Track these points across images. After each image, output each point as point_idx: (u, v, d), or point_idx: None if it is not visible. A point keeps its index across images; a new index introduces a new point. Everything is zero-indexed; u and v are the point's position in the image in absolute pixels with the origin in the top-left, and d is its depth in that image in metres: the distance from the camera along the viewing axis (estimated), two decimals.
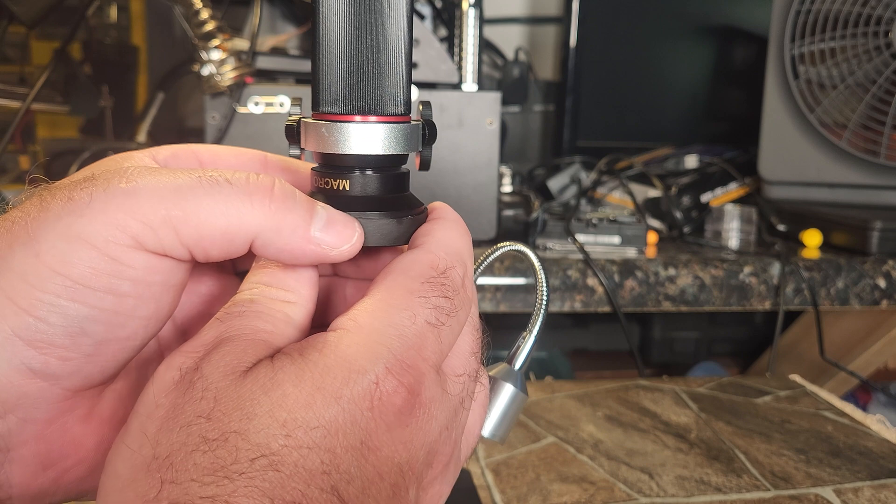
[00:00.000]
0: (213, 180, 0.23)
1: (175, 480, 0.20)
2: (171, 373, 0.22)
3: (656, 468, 0.55)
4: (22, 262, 0.22)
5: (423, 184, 0.82)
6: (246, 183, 0.24)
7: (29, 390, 0.23)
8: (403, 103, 0.27)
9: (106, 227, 0.22)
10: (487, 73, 1.34)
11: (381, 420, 0.23)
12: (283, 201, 0.24)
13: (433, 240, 0.27)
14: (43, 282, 0.22)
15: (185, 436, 0.21)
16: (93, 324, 0.23)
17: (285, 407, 0.21)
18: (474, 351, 0.27)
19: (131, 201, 0.22)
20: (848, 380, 1.07)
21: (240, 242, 0.24)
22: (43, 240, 0.22)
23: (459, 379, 0.26)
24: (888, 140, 0.93)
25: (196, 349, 0.23)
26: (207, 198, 0.23)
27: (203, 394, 0.21)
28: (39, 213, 0.23)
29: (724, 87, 1.32)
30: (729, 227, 0.95)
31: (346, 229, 0.26)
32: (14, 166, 1.11)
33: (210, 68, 0.75)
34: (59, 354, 0.23)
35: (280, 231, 0.24)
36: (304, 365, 0.22)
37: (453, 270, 0.26)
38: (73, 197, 0.23)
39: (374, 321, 0.24)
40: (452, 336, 0.26)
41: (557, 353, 1.24)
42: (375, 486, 0.22)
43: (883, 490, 0.52)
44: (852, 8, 0.93)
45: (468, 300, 0.27)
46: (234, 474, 0.20)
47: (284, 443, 0.21)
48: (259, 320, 0.24)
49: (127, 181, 0.23)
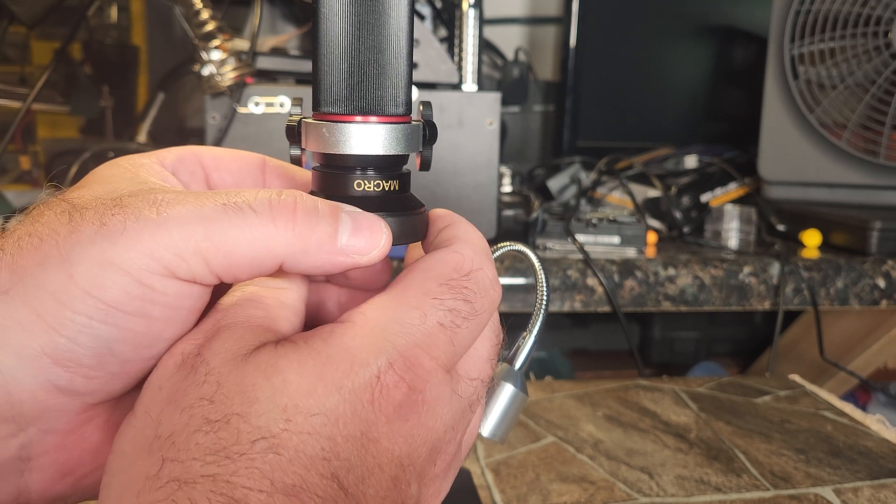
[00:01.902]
0: (237, 208, 0.24)
1: (177, 459, 0.20)
2: (173, 358, 0.23)
3: (656, 468, 0.55)
4: (55, 281, 0.22)
5: (423, 184, 0.82)
6: (269, 208, 0.24)
7: (51, 405, 0.23)
8: (404, 104, 0.27)
9: (140, 256, 0.23)
10: (487, 73, 1.34)
11: (380, 413, 0.23)
12: (306, 221, 0.24)
13: (461, 240, 0.27)
14: (75, 302, 0.22)
15: (188, 417, 0.21)
16: (121, 345, 0.23)
17: (286, 393, 0.22)
18: (491, 357, 0.28)
19: (162, 232, 0.23)
20: (848, 380, 1.07)
21: (269, 265, 0.24)
22: (77, 262, 0.22)
23: (472, 383, 0.27)
24: (888, 140, 0.93)
25: (196, 336, 0.24)
26: (234, 228, 0.23)
27: (206, 377, 0.22)
28: (71, 235, 0.23)
29: (723, 87, 1.32)
30: (728, 227, 0.95)
31: (374, 234, 0.26)
32: (14, 166, 1.11)
33: (210, 68, 0.75)
34: (84, 373, 0.23)
35: (307, 252, 0.24)
36: (308, 353, 0.23)
37: (481, 272, 0.26)
38: (106, 223, 0.23)
39: (382, 316, 0.24)
40: (469, 339, 0.26)
41: (557, 353, 1.24)
42: (375, 476, 0.23)
43: (882, 490, 0.53)
44: (852, 8, 0.93)
45: (493, 304, 0.27)
46: (235, 455, 0.20)
47: (285, 427, 0.21)
48: (251, 307, 0.25)
49: (157, 212, 0.23)
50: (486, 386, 0.28)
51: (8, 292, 0.22)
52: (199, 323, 0.24)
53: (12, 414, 0.23)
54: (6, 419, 0.23)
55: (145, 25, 1.19)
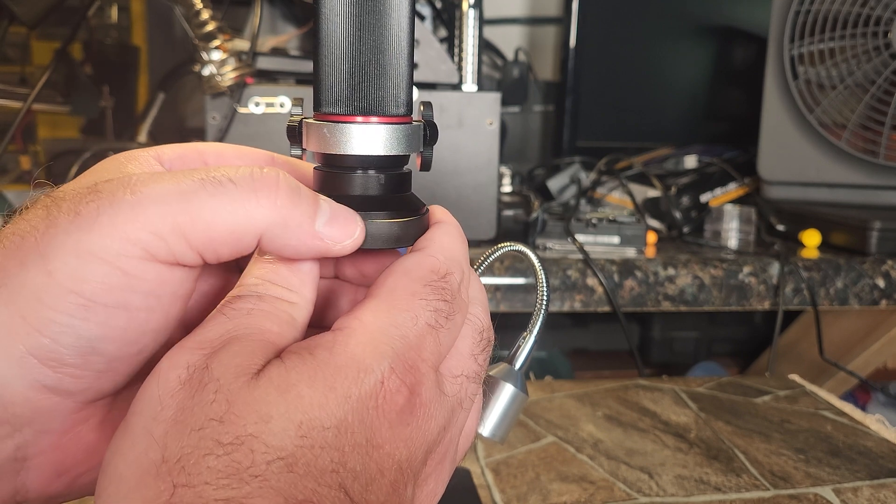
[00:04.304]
0: (216, 181, 0.23)
1: (188, 484, 0.20)
2: (176, 371, 0.22)
3: (656, 468, 0.55)
4: (35, 280, 0.22)
5: (423, 184, 0.82)
6: (251, 179, 0.24)
7: (44, 405, 0.23)
8: (405, 104, 0.27)
9: (116, 242, 0.22)
10: (487, 73, 1.35)
11: (384, 418, 0.23)
12: (288, 196, 0.24)
13: (434, 244, 0.27)
14: (56, 301, 0.22)
15: (197, 439, 0.20)
16: (104, 343, 0.23)
17: (301, 408, 0.21)
18: (474, 353, 0.28)
19: (138, 212, 0.22)
20: (847, 379, 1.07)
21: (248, 240, 0.24)
22: (54, 257, 0.22)
23: (457, 380, 0.27)
24: (887, 140, 0.93)
25: (202, 346, 0.23)
26: (213, 199, 0.23)
27: (215, 396, 0.21)
28: (48, 229, 0.23)
29: (723, 87, 1.32)
30: (728, 227, 0.96)
31: (349, 224, 0.26)
32: (15, 166, 1.11)
33: (211, 69, 0.75)
34: (71, 373, 0.23)
35: (287, 226, 0.24)
36: (316, 365, 0.22)
37: (452, 276, 0.26)
38: (81, 211, 0.22)
39: (378, 321, 0.24)
40: (450, 338, 0.26)
41: (557, 353, 1.24)
42: (377, 482, 0.22)
43: (882, 490, 0.53)
44: (851, 8, 0.93)
45: (464, 304, 0.27)
46: (250, 477, 0.20)
47: (300, 443, 0.21)
48: (267, 321, 0.24)
49: (132, 192, 0.23)
50: (472, 382, 0.27)
51: None
52: (203, 328, 0.23)
53: (6, 415, 0.23)
54: (0, 421, 0.23)
55: (145, 25, 1.19)
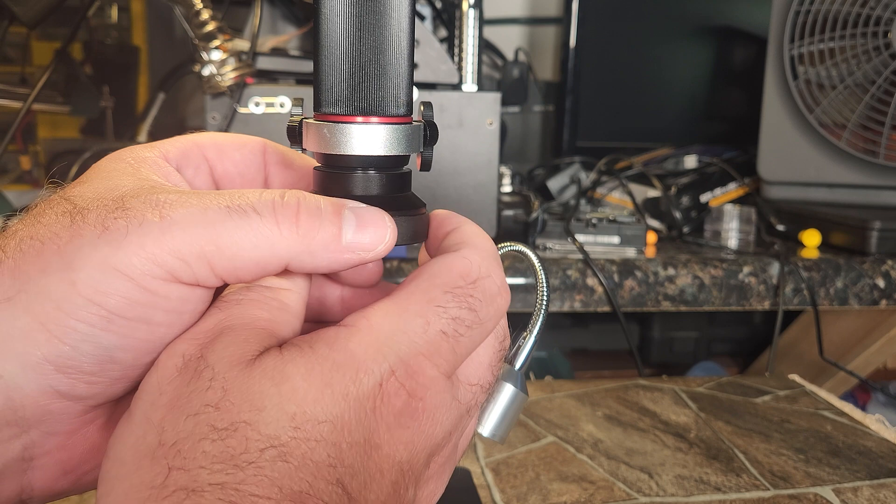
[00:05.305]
0: (241, 210, 0.24)
1: (183, 467, 0.20)
2: (173, 360, 0.23)
3: (656, 467, 0.55)
4: (57, 288, 0.22)
5: (423, 184, 0.83)
6: (272, 211, 0.24)
7: (53, 409, 0.24)
8: (405, 104, 0.27)
9: (142, 262, 0.22)
10: (487, 73, 1.35)
11: (381, 420, 0.23)
12: (309, 223, 0.24)
13: (469, 245, 0.27)
14: (77, 310, 0.22)
15: (193, 424, 0.21)
16: (123, 352, 0.23)
17: (295, 400, 0.21)
18: (493, 363, 0.27)
19: (166, 237, 0.23)
20: (847, 379, 1.07)
21: (273, 268, 0.24)
22: (79, 268, 0.22)
23: (472, 389, 0.27)
24: (887, 140, 0.93)
25: (196, 336, 0.23)
26: (238, 231, 0.23)
27: (211, 383, 0.22)
28: (73, 239, 0.23)
29: (723, 87, 1.32)
30: (728, 227, 0.96)
31: (379, 229, 0.26)
32: (15, 166, 1.11)
33: (211, 69, 0.75)
34: (86, 379, 0.23)
35: (312, 252, 0.24)
36: (314, 359, 0.22)
37: (489, 280, 0.26)
38: (109, 227, 0.23)
39: (387, 323, 0.24)
40: (471, 346, 0.26)
41: (557, 353, 1.24)
42: (377, 482, 0.23)
43: (882, 489, 0.53)
44: (851, 8, 0.93)
45: (499, 311, 0.26)
46: (244, 463, 0.20)
47: (294, 435, 0.21)
48: (256, 308, 0.24)
49: (161, 216, 0.23)
50: (485, 392, 0.28)
51: (11, 300, 0.22)
52: (199, 321, 0.24)
53: (15, 418, 0.23)
54: (9, 423, 0.23)
55: (146, 26, 1.19)
